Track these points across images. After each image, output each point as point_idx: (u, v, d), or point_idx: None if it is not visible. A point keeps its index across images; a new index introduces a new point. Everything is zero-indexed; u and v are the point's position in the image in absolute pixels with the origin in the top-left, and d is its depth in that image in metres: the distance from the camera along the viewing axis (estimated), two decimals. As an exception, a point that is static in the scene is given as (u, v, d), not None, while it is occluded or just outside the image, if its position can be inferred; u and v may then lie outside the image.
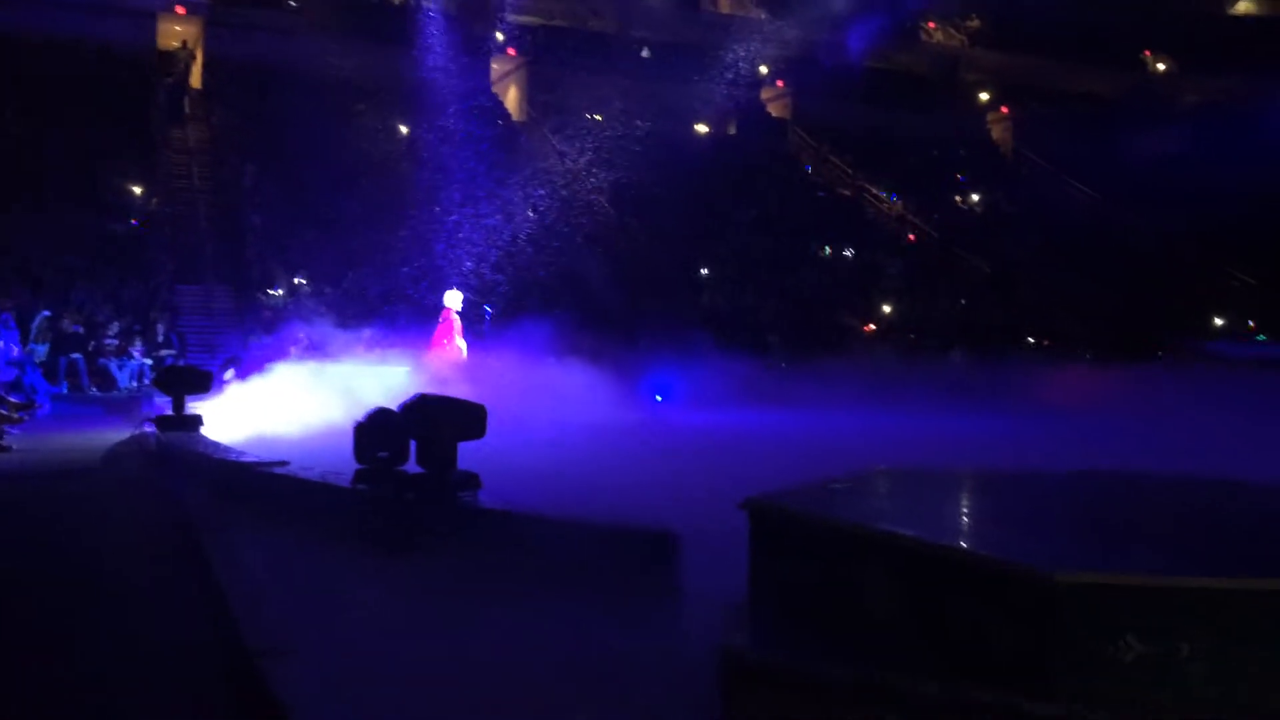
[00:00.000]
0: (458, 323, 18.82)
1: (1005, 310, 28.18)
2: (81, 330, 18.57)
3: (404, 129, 30.49)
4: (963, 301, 29.17)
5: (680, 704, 3.58)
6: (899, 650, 3.12)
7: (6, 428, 11.44)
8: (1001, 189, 37.33)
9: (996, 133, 42.60)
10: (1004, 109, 42.24)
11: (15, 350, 16.76)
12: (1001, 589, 2.88)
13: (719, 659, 3.35)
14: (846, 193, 35.97)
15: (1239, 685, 2.65)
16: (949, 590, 3.03)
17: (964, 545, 3.25)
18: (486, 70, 35.83)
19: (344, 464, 6.75)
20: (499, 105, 35.41)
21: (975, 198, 37.05)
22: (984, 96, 42.39)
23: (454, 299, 18.71)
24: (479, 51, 34.27)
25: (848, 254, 31.00)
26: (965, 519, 3.99)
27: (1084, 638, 2.71)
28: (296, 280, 22.68)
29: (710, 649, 3.47)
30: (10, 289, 19.00)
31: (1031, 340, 26.26)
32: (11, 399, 13.21)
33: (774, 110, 39.86)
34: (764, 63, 37.06)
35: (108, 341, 18.59)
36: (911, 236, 33.63)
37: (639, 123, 35.10)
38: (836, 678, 3.09)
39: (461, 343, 18.45)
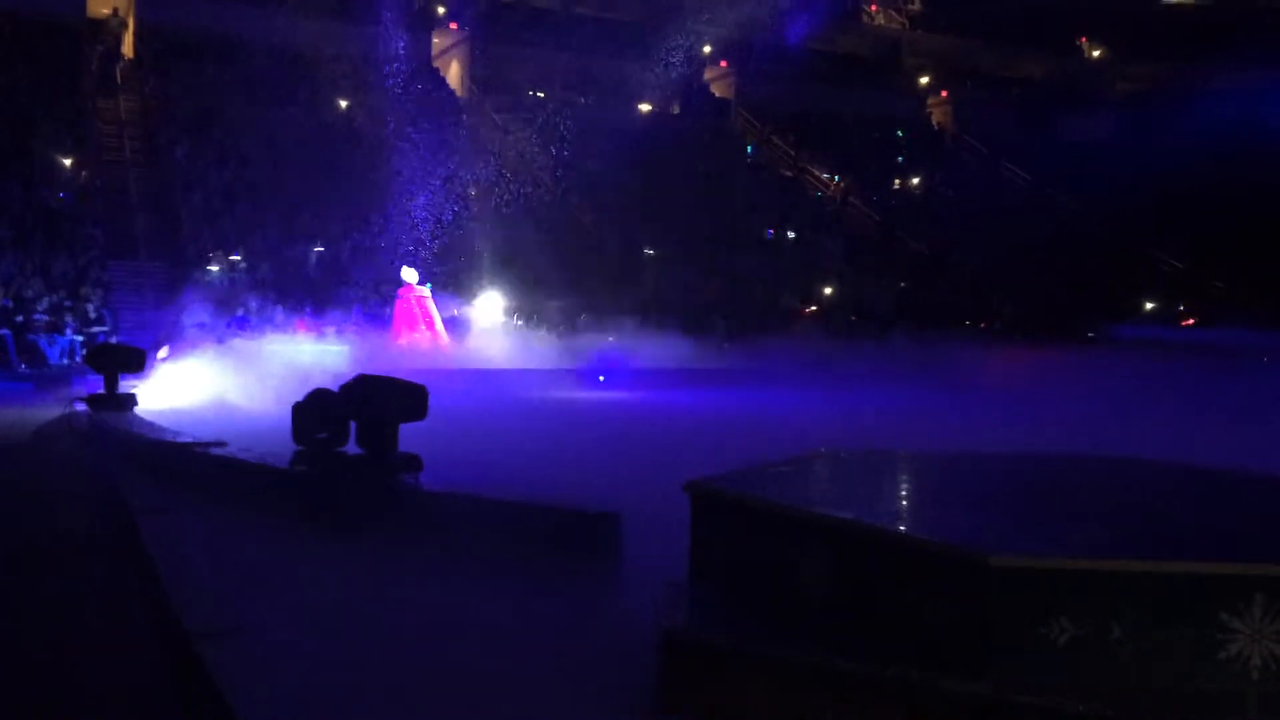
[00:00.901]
0: (431, 304, 18.69)
1: (943, 292, 28.57)
2: (10, 305, 18.07)
3: (343, 103, 30.02)
4: (902, 283, 29.51)
5: (619, 679, 3.62)
6: (837, 631, 3.18)
7: (-70, 406, 11.12)
8: (941, 172, 37.79)
9: (937, 116, 43.09)
10: (944, 93, 42.71)
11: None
12: (937, 571, 2.94)
13: (657, 636, 3.39)
14: (788, 173, 36.17)
15: (1167, 666, 2.73)
16: (886, 572, 3.09)
17: (900, 527, 3.31)
18: (428, 44, 35.35)
19: (283, 445, 6.67)
20: (440, 80, 34.97)
21: (915, 180, 37.46)
22: (924, 80, 42.83)
23: (410, 275, 18.59)
24: (420, 25, 33.81)
25: (790, 235, 31.20)
26: (903, 501, 4.06)
27: (1018, 619, 2.78)
28: (232, 257, 22.27)
29: (649, 628, 3.50)
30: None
31: (968, 322, 26.68)
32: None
33: (717, 90, 39.90)
34: (708, 42, 37.06)
35: (38, 317, 18.11)
36: (853, 218, 33.92)
37: (582, 100, 34.94)
38: (772, 657, 3.14)
39: (440, 327, 18.34)
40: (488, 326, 20.63)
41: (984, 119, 41.16)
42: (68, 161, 23.43)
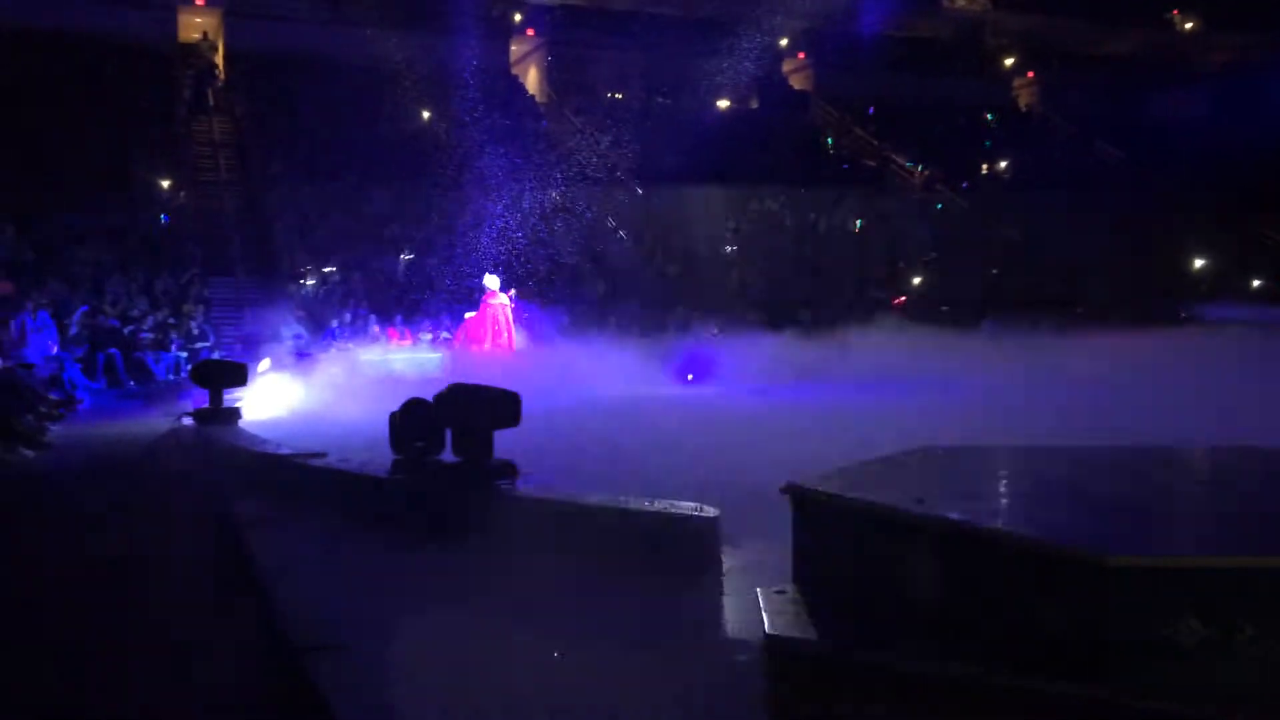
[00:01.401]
0: (508, 311, 18.85)
1: (1035, 277, 27.88)
2: (118, 324, 18.75)
3: (425, 114, 30.49)
4: (994, 271, 28.89)
5: (725, 690, 3.58)
6: (945, 636, 3.10)
7: (47, 425, 11.57)
8: (1029, 154, 36.89)
9: (1023, 97, 42.10)
10: (1030, 73, 41.69)
11: (53, 347, 16.96)
12: (1051, 573, 2.84)
13: (763, 645, 3.34)
14: (872, 163, 35.70)
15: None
16: (996, 574, 3.00)
17: (1010, 528, 3.20)
18: (506, 52, 35.76)
19: (381, 454, 6.77)
20: (519, 87, 35.33)
21: (1003, 164, 36.64)
22: (1009, 61, 41.86)
23: (492, 282, 18.78)
24: (497, 33, 34.20)
25: (875, 225, 30.77)
26: (1009, 499, 3.95)
27: (1139, 622, 2.67)
28: (326, 269, 22.80)
29: (753, 635, 3.46)
30: (46, 286, 19.19)
31: (1063, 307, 25.94)
32: (51, 396, 13.37)
33: (796, 82, 39.55)
34: (785, 35, 36.74)
35: (144, 335, 18.76)
36: (939, 206, 33.33)
37: (660, 99, 34.95)
38: (880, 663, 3.07)
39: (516, 333, 18.51)
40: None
41: (1073, 98, 40.06)
42: (166, 184, 24.22)
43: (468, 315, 19.13)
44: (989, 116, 39.58)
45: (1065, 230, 30.09)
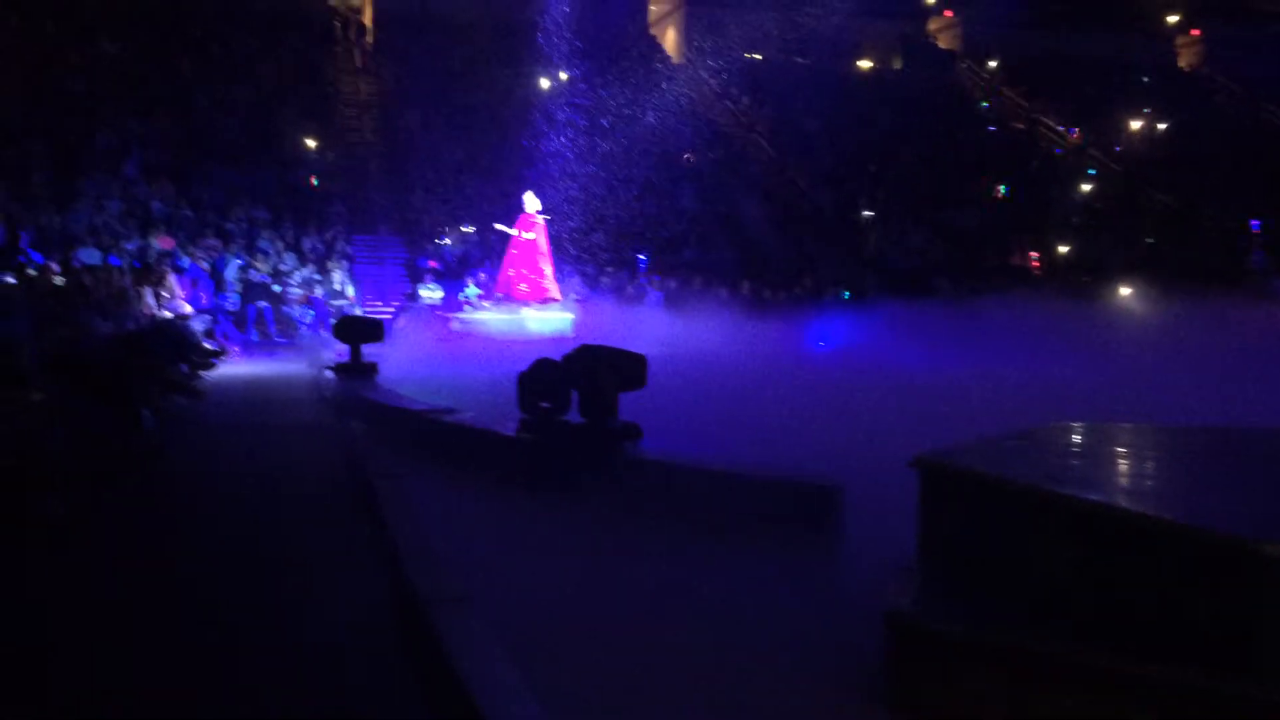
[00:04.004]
0: (542, 240, 18.04)
1: (1194, 247, 26.44)
2: (268, 279, 19.51)
3: (564, 75, 30.64)
4: (1148, 239, 27.52)
5: (841, 664, 3.51)
6: (1079, 621, 2.96)
7: (201, 374, 12.11)
8: (1190, 117, 34.86)
9: (1185, 56, 39.78)
10: (1194, 30, 39.33)
11: (206, 300, 17.77)
12: (1198, 560, 2.67)
13: (886, 622, 3.25)
14: (1020, 126, 34.35)
15: None
16: (1138, 560, 2.84)
17: (1156, 511, 3.03)
18: (644, 12, 35.59)
19: (510, 413, 6.86)
20: (657, 47, 35.15)
21: (1161, 126, 34.73)
22: (1172, 18, 39.56)
23: (533, 203, 18.31)
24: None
25: (1023, 191, 29.64)
26: (1154, 481, 3.74)
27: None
28: (463, 228, 23.23)
29: (874, 609, 3.37)
30: (202, 242, 20.08)
31: (1223, 279, 24.54)
32: (205, 346, 14.00)
33: (942, 42, 38.30)
34: (931, -8, 35.61)
35: (291, 291, 19.48)
36: (1091, 171, 31.88)
37: (800, 60, 34.32)
38: (1010, 646, 2.95)
39: (547, 269, 17.89)
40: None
41: (1240, 58, 37.60)
42: (313, 143, 24.98)
43: (520, 235, 18.34)
44: (1145, 78, 37.52)
45: (1229, 198, 28.42)
